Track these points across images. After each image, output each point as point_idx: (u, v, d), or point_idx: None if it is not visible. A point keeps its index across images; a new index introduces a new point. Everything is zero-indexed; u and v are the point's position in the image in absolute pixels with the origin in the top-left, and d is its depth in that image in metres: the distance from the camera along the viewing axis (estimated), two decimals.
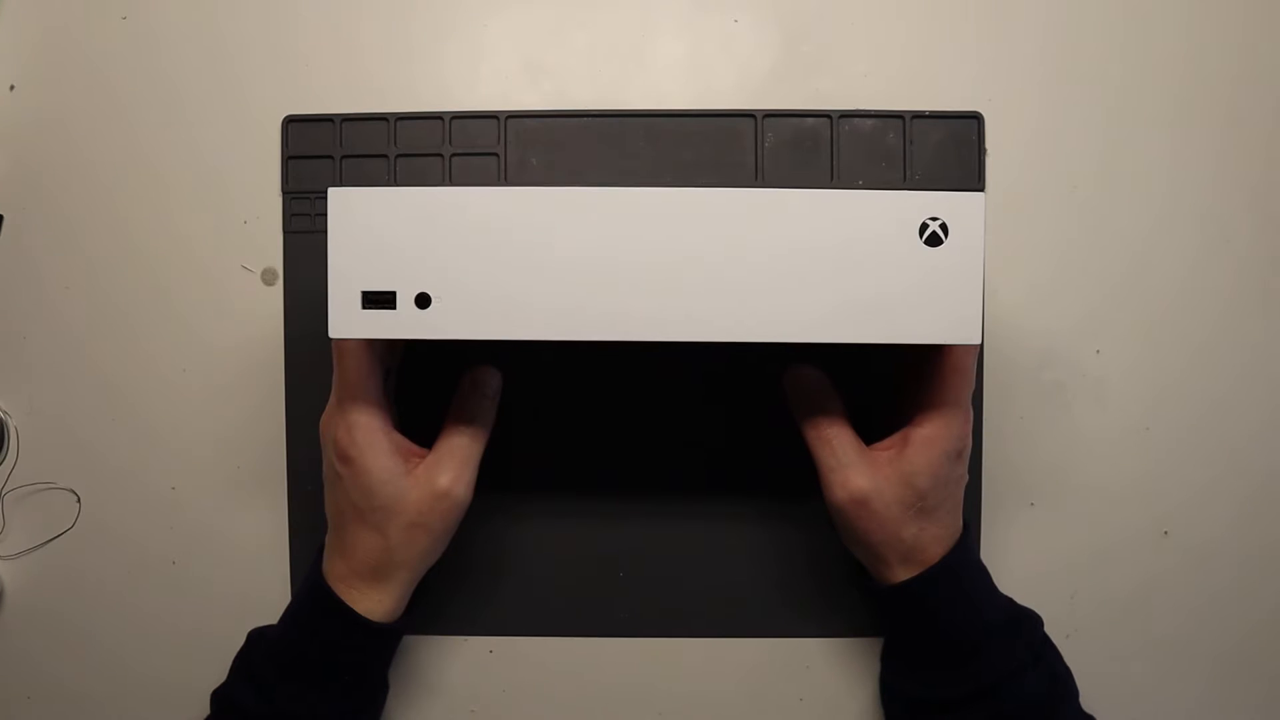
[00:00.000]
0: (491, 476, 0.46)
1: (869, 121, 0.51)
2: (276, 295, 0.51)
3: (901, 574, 0.44)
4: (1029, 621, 0.46)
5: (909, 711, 0.47)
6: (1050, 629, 0.46)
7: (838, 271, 0.39)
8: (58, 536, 0.52)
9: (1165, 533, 0.52)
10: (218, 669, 0.47)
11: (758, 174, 0.51)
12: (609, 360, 0.51)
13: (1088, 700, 0.46)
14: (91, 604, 0.52)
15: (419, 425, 0.46)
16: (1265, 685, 0.52)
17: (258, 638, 0.47)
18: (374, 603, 0.44)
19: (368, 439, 0.43)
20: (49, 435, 0.52)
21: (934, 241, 0.39)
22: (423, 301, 0.39)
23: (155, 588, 0.52)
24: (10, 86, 0.52)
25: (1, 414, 0.52)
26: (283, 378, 0.51)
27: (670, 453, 0.51)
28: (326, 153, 0.51)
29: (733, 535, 0.51)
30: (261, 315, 0.51)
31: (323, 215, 0.39)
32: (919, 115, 0.51)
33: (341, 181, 0.51)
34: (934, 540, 0.43)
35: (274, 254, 0.52)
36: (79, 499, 0.52)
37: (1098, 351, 0.51)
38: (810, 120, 0.51)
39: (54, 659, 0.52)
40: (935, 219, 0.39)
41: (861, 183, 0.51)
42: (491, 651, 0.52)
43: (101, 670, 0.52)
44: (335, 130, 0.51)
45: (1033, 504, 0.51)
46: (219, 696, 0.46)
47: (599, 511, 0.51)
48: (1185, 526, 0.51)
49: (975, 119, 0.51)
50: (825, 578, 0.51)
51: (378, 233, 0.39)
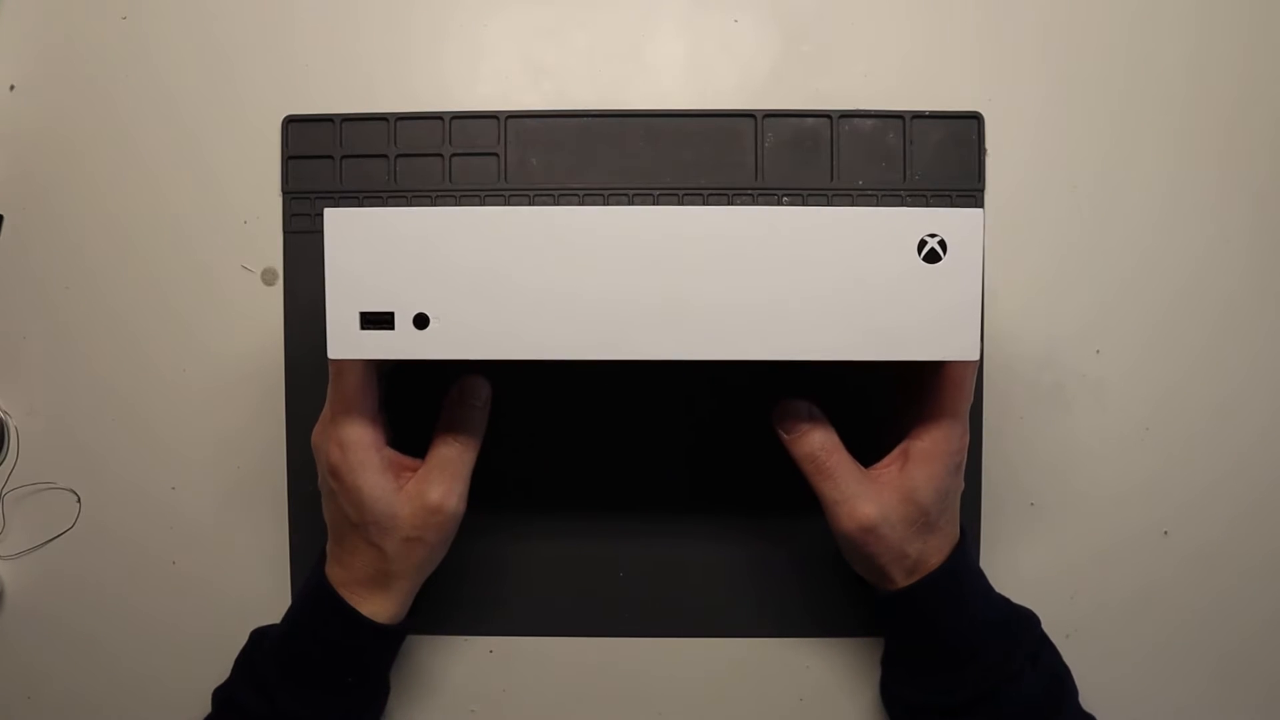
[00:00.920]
0: (492, 479, 0.46)
1: (869, 121, 0.51)
2: (276, 295, 0.51)
3: (903, 583, 0.44)
4: (1026, 622, 0.46)
5: (910, 717, 0.47)
6: (1050, 629, 0.46)
7: (836, 288, 0.39)
8: (58, 537, 0.52)
9: (1165, 533, 0.52)
10: (218, 669, 0.47)
11: (758, 174, 0.51)
12: (607, 376, 0.51)
13: (1088, 700, 0.46)
14: (91, 604, 0.52)
15: (412, 434, 0.45)
16: (1265, 686, 0.52)
17: (260, 638, 0.47)
18: (376, 607, 0.44)
19: (359, 457, 0.43)
20: (49, 435, 0.52)
21: (932, 258, 0.39)
22: (421, 322, 0.39)
23: (155, 588, 0.52)
24: (10, 87, 0.52)
25: (1, 414, 0.52)
26: (283, 378, 0.51)
27: (670, 455, 0.51)
28: (326, 153, 0.51)
29: (732, 536, 0.51)
30: (261, 315, 0.51)
31: (323, 215, 0.39)
32: (919, 115, 0.51)
33: (342, 182, 0.51)
34: (935, 550, 0.44)
35: (274, 254, 0.52)
36: (79, 499, 0.52)
37: (1098, 352, 0.51)
38: (810, 120, 0.51)
39: (54, 659, 0.53)
40: (934, 235, 0.38)
41: (861, 183, 0.51)
42: (491, 651, 0.52)
43: (101, 670, 0.52)
44: (335, 130, 0.51)
45: (1033, 504, 0.51)
46: (220, 696, 0.46)
47: (599, 513, 0.51)
48: (1185, 527, 0.51)
49: (975, 119, 0.51)
50: (824, 579, 0.51)
51: (375, 253, 0.39)
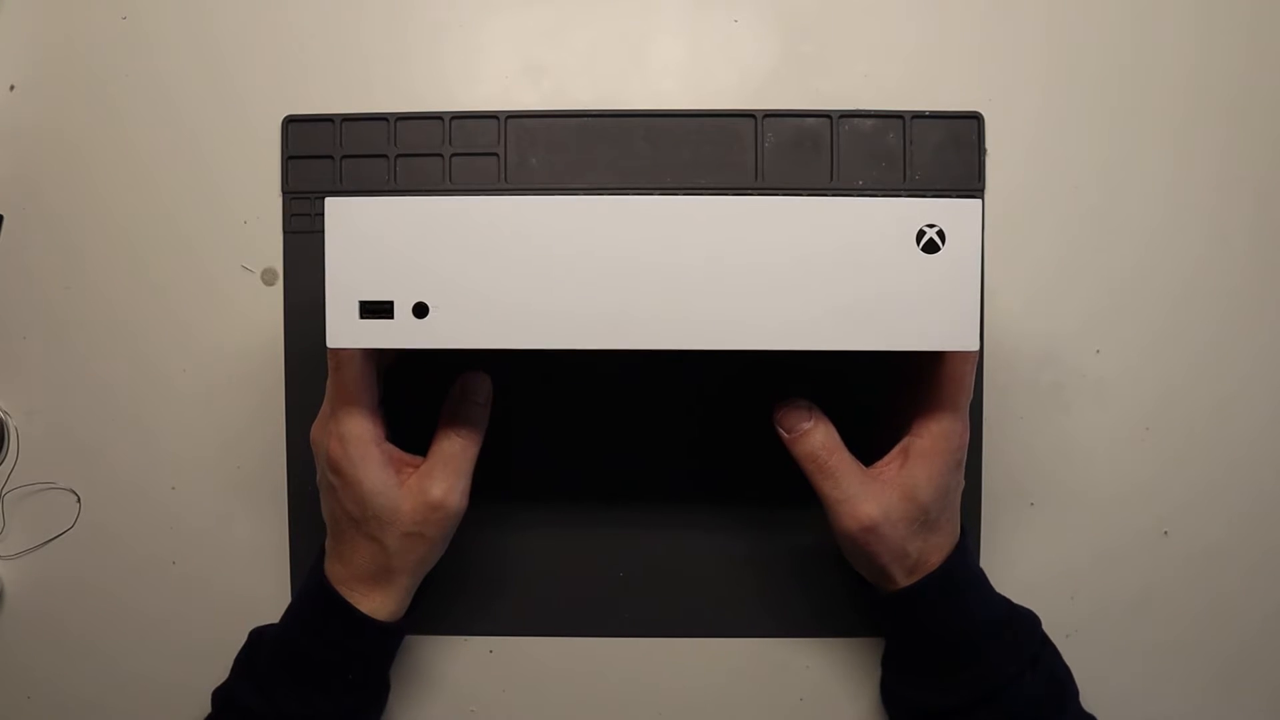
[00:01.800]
0: (492, 480, 0.46)
1: (869, 122, 0.51)
2: (276, 295, 0.51)
3: (903, 583, 0.44)
4: (1027, 622, 0.46)
5: (911, 718, 0.47)
6: (1050, 629, 0.46)
7: (835, 279, 0.39)
8: (58, 537, 0.52)
9: (1165, 533, 0.52)
10: (218, 669, 0.47)
11: (758, 174, 0.51)
12: (607, 367, 0.51)
13: (1088, 700, 0.46)
14: (91, 604, 0.52)
15: (412, 431, 0.45)
16: (1266, 686, 0.52)
17: (258, 637, 0.47)
18: (376, 604, 0.44)
19: (359, 451, 0.42)
20: (49, 435, 0.52)
21: (931, 248, 0.39)
22: (420, 311, 0.39)
23: (155, 588, 0.52)
24: (10, 87, 0.52)
25: (1, 414, 0.52)
26: (283, 378, 0.51)
27: (670, 455, 0.51)
28: (326, 153, 0.51)
29: (732, 536, 0.51)
30: (261, 315, 0.51)
31: (323, 215, 0.39)
32: (919, 115, 0.51)
33: (342, 182, 0.51)
34: (935, 549, 0.44)
35: (274, 254, 0.52)
36: (79, 499, 0.52)
37: (1098, 352, 0.51)
38: (810, 120, 0.51)
39: (54, 659, 0.52)
40: (932, 225, 0.39)
41: (861, 183, 0.51)
42: (491, 651, 0.52)
43: (101, 670, 0.52)
44: (335, 130, 0.51)
45: (1033, 504, 0.51)
46: (220, 696, 0.46)
47: (599, 513, 0.51)
48: (1185, 527, 0.51)
49: (975, 119, 0.51)
50: (825, 579, 0.51)
51: (375, 242, 0.39)
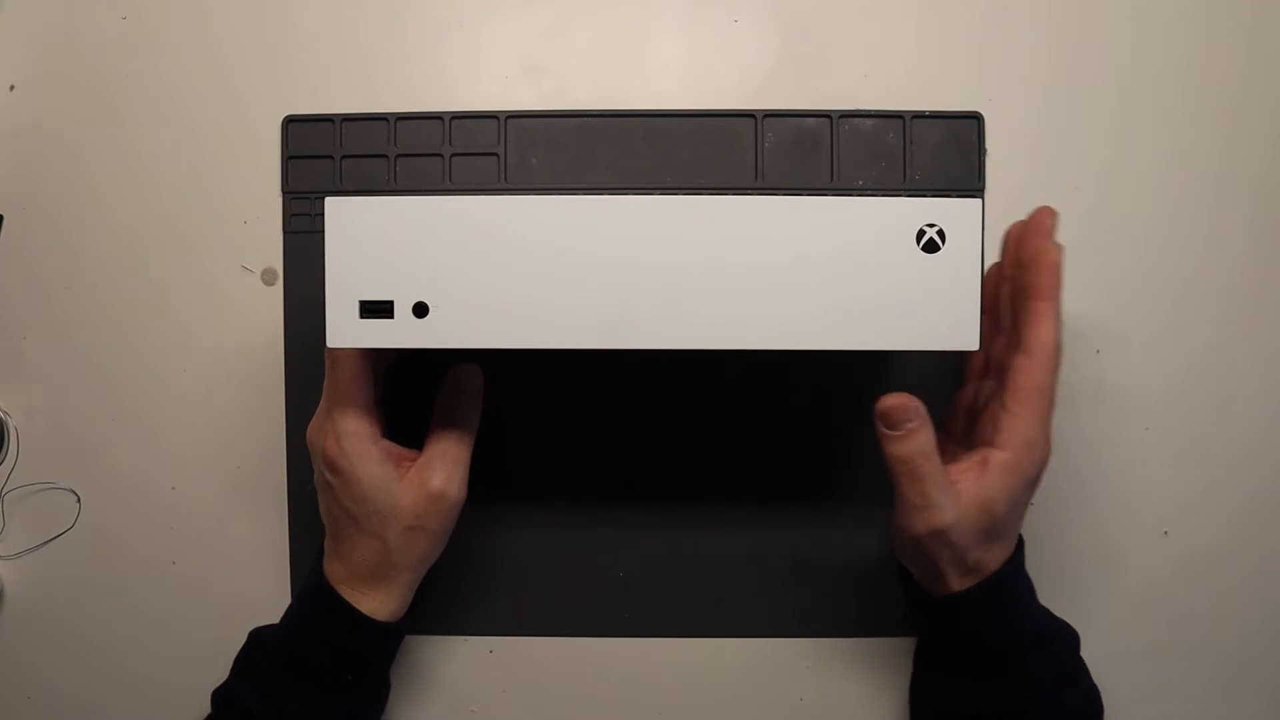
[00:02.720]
0: (491, 480, 0.46)
1: (869, 121, 0.51)
2: (276, 295, 0.51)
3: (956, 587, 0.43)
4: (1069, 639, 0.45)
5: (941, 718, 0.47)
6: None
7: (835, 278, 0.39)
8: (58, 536, 0.52)
9: (1165, 533, 0.52)
10: (217, 669, 0.47)
11: (758, 174, 0.51)
12: (607, 366, 0.51)
13: None
14: (91, 604, 0.52)
15: (407, 427, 0.45)
16: (1266, 686, 0.52)
17: (258, 638, 0.47)
18: (377, 603, 0.44)
19: (356, 448, 0.43)
20: (49, 435, 0.52)
21: (931, 248, 0.39)
22: (420, 311, 0.39)
23: (155, 588, 0.52)
24: (10, 87, 0.52)
25: (1, 414, 0.52)
26: (282, 378, 0.51)
27: (669, 454, 0.51)
28: (326, 153, 0.51)
29: (732, 535, 0.51)
30: (261, 315, 0.51)
31: (323, 215, 0.39)
32: (919, 115, 0.51)
33: (342, 182, 0.51)
34: (994, 557, 0.43)
35: (274, 254, 0.52)
36: (79, 499, 0.52)
37: (1097, 352, 0.51)
38: (810, 120, 0.51)
39: (54, 659, 0.52)
40: (933, 225, 0.39)
41: (861, 183, 0.51)
42: (491, 651, 0.52)
43: (101, 670, 0.52)
44: (335, 130, 0.51)
45: (1032, 504, 0.51)
46: (220, 696, 0.46)
47: (599, 513, 0.51)
48: (1185, 527, 0.51)
49: (975, 119, 0.51)
50: (826, 578, 0.51)
51: (375, 242, 0.39)
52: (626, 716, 0.52)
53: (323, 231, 0.39)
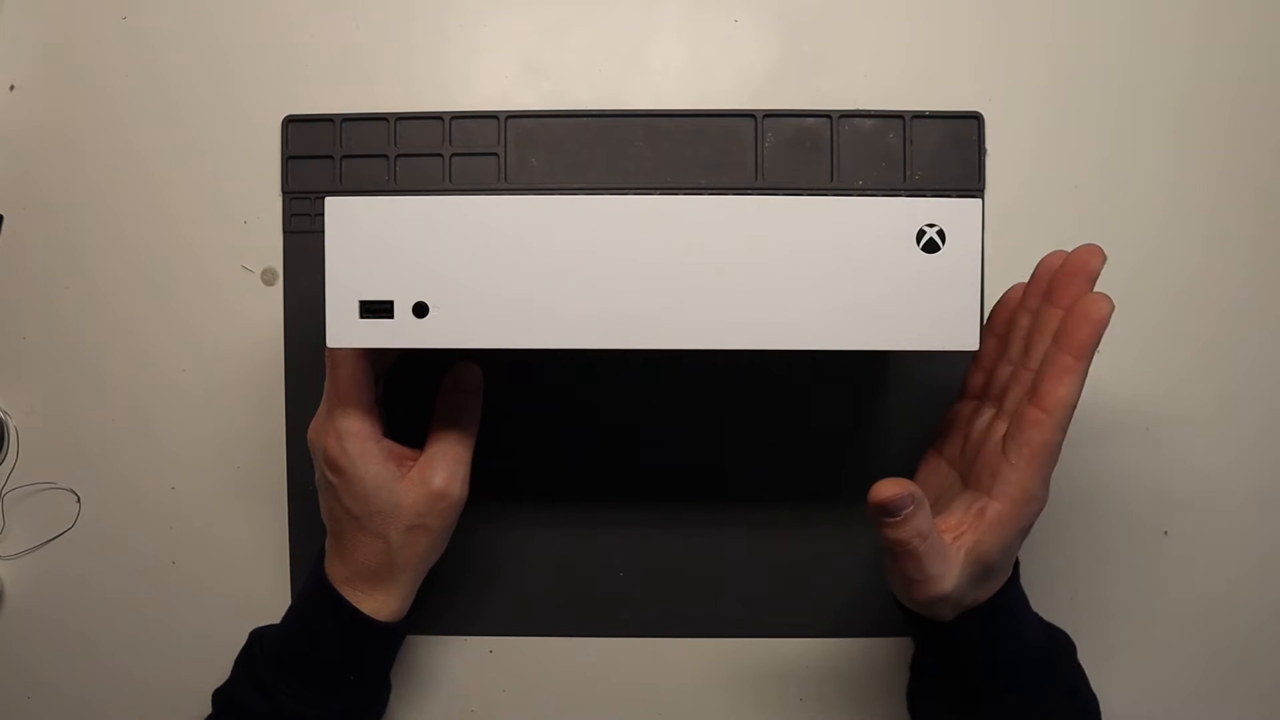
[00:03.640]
0: (492, 480, 0.46)
1: (869, 121, 0.51)
2: (276, 295, 0.52)
3: (949, 617, 0.42)
4: (1065, 653, 0.45)
5: None
6: None
7: (836, 278, 0.38)
8: (58, 537, 0.52)
9: (1165, 533, 0.52)
10: (217, 669, 0.47)
11: (758, 174, 0.51)
12: (607, 366, 0.51)
13: None
14: (91, 604, 0.52)
15: (408, 427, 0.45)
16: (1265, 686, 0.52)
17: (259, 638, 0.47)
18: (379, 604, 0.44)
19: (358, 448, 0.43)
20: (49, 435, 0.52)
21: (931, 248, 0.39)
22: (420, 311, 0.39)
23: (155, 588, 0.52)
24: (10, 87, 0.52)
25: (1, 414, 0.52)
26: (282, 378, 0.51)
27: (669, 455, 0.51)
28: (326, 153, 0.51)
29: (732, 536, 0.51)
30: (261, 315, 0.51)
31: (323, 215, 0.39)
32: (919, 115, 0.51)
33: (342, 182, 0.51)
34: (989, 590, 0.42)
35: (274, 254, 0.52)
36: (79, 499, 0.52)
37: (1098, 352, 0.51)
38: (810, 120, 0.51)
39: (54, 659, 0.52)
40: (932, 225, 0.38)
41: (861, 183, 0.51)
42: (491, 651, 0.52)
43: (101, 670, 0.52)
44: (335, 130, 0.51)
45: None
46: (221, 696, 0.46)
47: (599, 513, 0.51)
48: (1185, 527, 0.51)
49: (975, 119, 0.51)
50: (826, 578, 0.51)
51: (375, 242, 0.39)
52: (626, 716, 0.52)
53: (323, 231, 0.39)
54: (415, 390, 0.46)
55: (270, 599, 0.51)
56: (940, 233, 0.39)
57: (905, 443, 0.50)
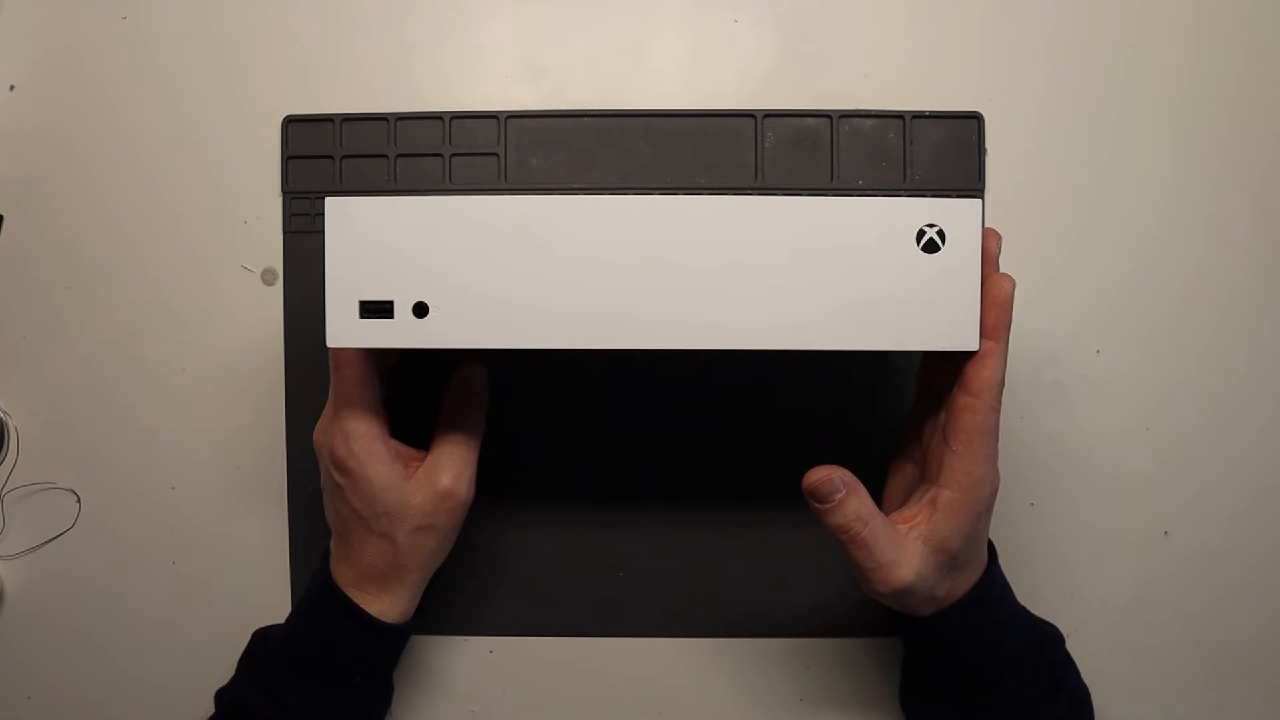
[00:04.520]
0: (493, 479, 0.46)
1: (869, 121, 0.51)
2: (276, 295, 0.52)
3: (927, 613, 0.42)
4: (1051, 644, 0.45)
5: None
6: None
7: (835, 278, 0.39)
8: (58, 537, 0.52)
9: (1165, 533, 0.52)
10: (217, 669, 0.47)
11: (758, 174, 0.51)
12: (608, 366, 0.51)
13: None
14: (91, 604, 0.52)
15: (415, 429, 0.45)
16: (1265, 686, 0.52)
17: (262, 639, 0.47)
18: (386, 605, 0.44)
19: (365, 448, 0.42)
20: (49, 435, 0.52)
21: (931, 248, 0.39)
22: (420, 311, 0.39)
23: (155, 588, 0.52)
24: (10, 87, 0.52)
25: (1, 414, 0.52)
26: (283, 378, 0.51)
27: (670, 455, 0.51)
28: (326, 153, 0.51)
29: (732, 536, 0.51)
30: (261, 315, 0.51)
31: (323, 215, 0.39)
32: (919, 115, 0.51)
33: (342, 182, 0.51)
34: (964, 581, 0.42)
35: (274, 254, 0.52)
36: (79, 499, 0.52)
37: (1098, 352, 0.51)
38: (810, 120, 0.51)
39: (54, 659, 0.52)
40: (932, 225, 0.39)
41: (861, 183, 0.51)
42: (492, 651, 0.52)
43: (101, 670, 0.52)
44: (335, 130, 0.51)
45: (1033, 504, 0.51)
46: (225, 697, 0.46)
47: (599, 513, 0.51)
48: (1185, 527, 0.51)
49: (975, 119, 0.51)
50: (826, 578, 0.51)
51: (375, 242, 0.39)
52: (626, 716, 0.52)
53: (323, 231, 0.39)
54: (418, 391, 0.46)
55: (270, 599, 0.51)
56: (940, 233, 0.39)
57: None
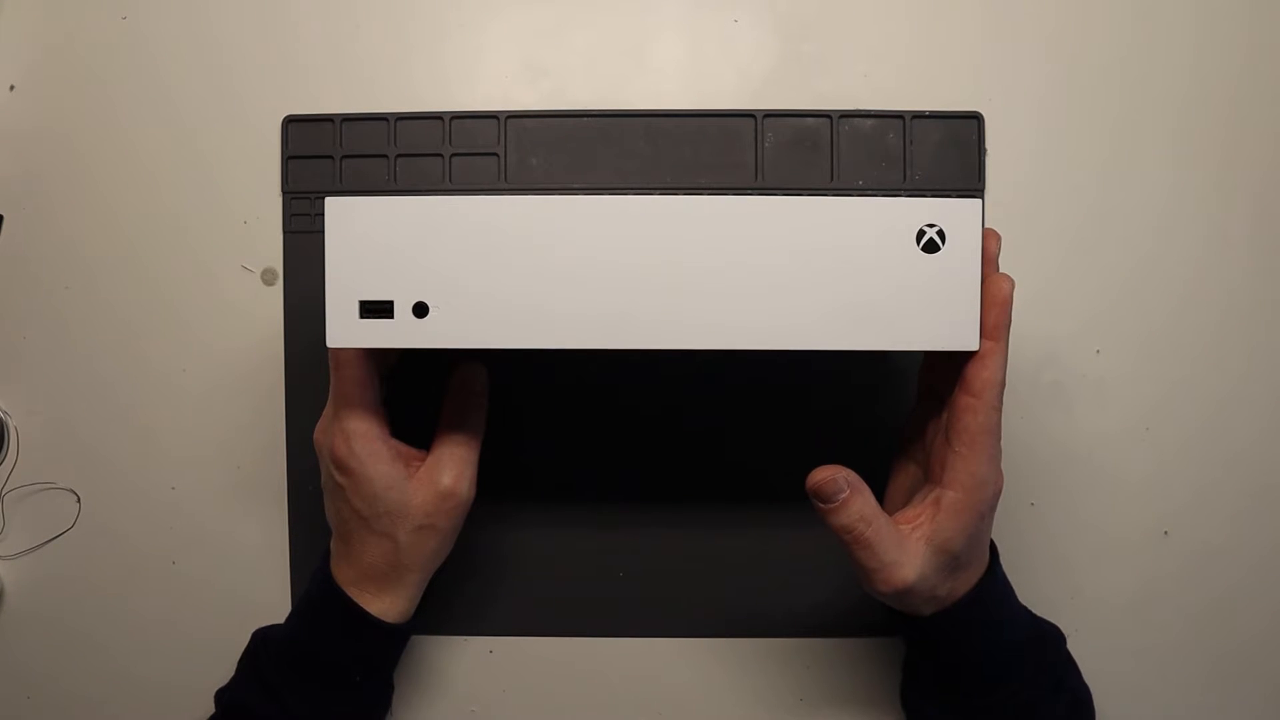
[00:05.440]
0: (493, 479, 0.46)
1: (869, 121, 0.51)
2: (276, 295, 0.52)
3: (928, 612, 0.42)
4: (1052, 644, 0.45)
5: None
6: None
7: (836, 278, 0.39)
8: (58, 537, 0.52)
9: (1165, 533, 0.52)
10: (217, 669, 0.47)
11: (758, 174, 0.51)
12: (608, 366, 0.51)
13: None
14: (91, 604, 0.52)
15: (416, 429, 0.45)
16: (1265, 686, 0.52)
17: (262, 639, 0.47)
18: (386, 605, 0.44)
19: (366, 448, 0.42)
20: (49, 435, 0.52)
21: (931, 248, 0.39)
22: (420, 311, 0.39)
23: (155, 588, 0.52)
24: (10, 87, 0.52)
25: (1, 414, 0.52)
26: (283, 378, 0.51)
27: (670, 455, 0.51)
28: (326, 153, 0.51)
29: (732, 536, 0.51)
30: (261, 315, 0.51)
31: (323, 215, 0.39)
32: (919, 115, 0.51)
33: (342, 181, 0.51)
34: (965, 582, 0.42)
35: (274, 254, 0.52)
36: (79, 499, 0.52)
37: (1098, 352, 0.51)
38: (810, 120, 0.51)
39: (54, 659, 0.52)
40: (932, 225, 0.39)
41: (861, 183, 0.51)
42: (492, 651, 0.52)
43: (101, 670, 0.52)
44: (335, 130, 0.51)
45: (1033, 504, 0.51)
46: (226, 698, 0.46)
47: (599, 513, 0.51)
48: (1185, 527, 0.51)
49: (975, 119, 0.51)
50: (826, 578, 0.51)
51: (375, 242, 0.39)
52: (626, 716, 0.52)
53: (323, 231, 0.39)
54: (418, 391, 0.46)
55: (270, 598, 0.51)
56: (940, 233, 0.39)
57: None
